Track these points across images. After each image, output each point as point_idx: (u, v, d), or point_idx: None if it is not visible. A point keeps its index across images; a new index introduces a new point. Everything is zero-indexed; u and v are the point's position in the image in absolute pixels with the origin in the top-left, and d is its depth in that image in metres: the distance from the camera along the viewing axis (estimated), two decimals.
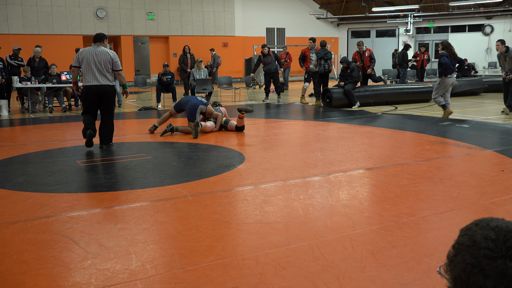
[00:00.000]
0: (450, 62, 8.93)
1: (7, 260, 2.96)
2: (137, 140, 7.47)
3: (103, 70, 6.50)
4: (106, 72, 6.52)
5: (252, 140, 7.22)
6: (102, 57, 6.50)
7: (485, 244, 0.81)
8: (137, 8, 20.80)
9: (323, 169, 5.29)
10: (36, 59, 12.13)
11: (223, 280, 2.66)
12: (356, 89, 11.57)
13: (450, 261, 0.86)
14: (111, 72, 6.61)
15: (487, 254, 0.79)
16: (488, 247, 0.80)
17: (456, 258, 0.84)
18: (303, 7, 25.52)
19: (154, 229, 3.49)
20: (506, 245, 0.80)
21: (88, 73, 6.50)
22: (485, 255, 0.80)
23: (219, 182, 4.81)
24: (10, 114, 11.05)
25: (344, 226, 3.50)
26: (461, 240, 0.85)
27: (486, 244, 0.80)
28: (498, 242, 0.80)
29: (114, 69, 6.61)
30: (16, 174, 5.22)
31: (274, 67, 13.07)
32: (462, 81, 14.12)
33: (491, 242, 0.80)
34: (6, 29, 18.37)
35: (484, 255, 0.80)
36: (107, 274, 2.75)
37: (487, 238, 0.81)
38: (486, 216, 3.10)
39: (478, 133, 7.48)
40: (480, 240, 0.82)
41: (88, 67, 6.48)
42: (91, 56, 6.48)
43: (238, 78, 21.87)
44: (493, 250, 0.79)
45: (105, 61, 6.51)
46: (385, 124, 8.68)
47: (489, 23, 22.74)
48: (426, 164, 5.42)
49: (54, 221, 3.67)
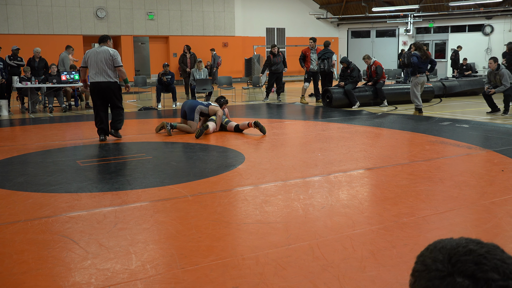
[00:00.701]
0: (421, 62, 9.54)
1: (7, 260, 2.96)
2: (137, 140, 7.47)
3: (105, 68, 7.08)
4: (108, 69, 7.10)
5: (252, 140, 7.22)
6: (103, 56, 7.08)
7: (435, 266, 0.86)
8: (137, 8, 20.80)
9: (323, 169, 5.29)
10: (36, 59, 12.13)
11: (223, 280, 2.66)
12: (356, 89, 11.57)
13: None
14: (113, 69, 7.15)
15: (438, 275, 0.84)
16: (438, 268, 0.85)
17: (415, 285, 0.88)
18: (303, 7, 25.52)
19: (154, 229, 3.49)
20: (451, 262, 0.84)
21: (92, 71, 7.13)
22: (436, 276, 0.84)
23: (219, 182, 4.81)
24: (10, 114, 11.05)
25: (344, 226, 3.50)
26: (416, 267, 0.90)
27: (435, 266, 0.85)
28: (444, 261, 0.85)
29: (114, 65, 7.15)
30: (16, 174, 5.22)
31: (282, 67, 13.06)
32: (462, 81, 14.11)
33: (439, 263, 0.85)
34: (6, 29, 18.36)
35: (435, 277, 0.84)
36: (107, 274, 2.75)
37: (436, 260, 0.86)
38: (485, 216, 3.08)
39: (478, 133, 7.48)
40: (430, 263, 0.87)
41: (92, 66, 7.11)
42: (94, 55, 7.10)
43: (238, 78, 21.86)
44: (441, 270, 0.84)
45: (106, 59, 7.08)
46: (385, 124, 8.68)
47: (489, 23, 22.73)
48: (426, 164, 5.42)
49: (54, 221, 3.67)
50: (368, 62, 11.69)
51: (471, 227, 3.51)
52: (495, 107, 9.65)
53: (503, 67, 9.72)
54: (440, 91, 13.16)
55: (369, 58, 11.83)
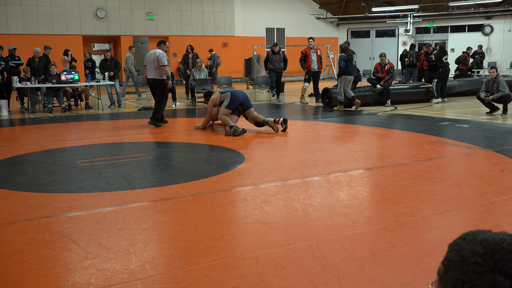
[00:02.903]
0: (347, 63, 10.71)
1: (7, 260, 2.96)
2: (137, 140, 7.47)
3: (153, 67, 8.55)
4: (154, 68, 8.54)
5: (252, 140, 7.22)
6: (153, 57, 8.53)
7: (474, 259, 0.80)
8: (137, 8, 20.79)
9: (323, 169, 5.29)
10: (36, 59, 12.13)
11: (223, 280, 2.66)
12: (356, 89, 11.57)
13: (440, 278, 0.85)
14: (158, 68, 8.51)
15: (476, 269, 0.79)
16: (477, 262, 0.80)
17: (446, 275, 0.83)
18: (302, 7, 25.52)
19: (154, 229, 3.49)
20: (494, 258, 0.79)
21: (147, 70, 8.71)
22: (474, 271, 0.79)
23: (219, 182, 4.81)
24: (10, 114, 11.05)
25: (344, 226, 3.50)
26: (450, 256, 0.85)
27: (474, 259, 0.80)
28: (486, 256, 0.80)
29: (159, 65, 8.47)
30: (16, 174, 5.22)
31: (280, 66, 13.04)
32: (462, 81, 14.11)
33: (479, 257, 0.80)
34: (6, 29, 18.36)
35: (473, 271, 0.79)
36: (107, 274, 2.75)
37: (475, 252, 0.81)
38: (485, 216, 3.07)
39: (478, 133, 7.48)
40: (468, 255, 0.81)
41: (147, 65, 8.69)
42: (148, 56, 8.65)
43: (238, 78, 21.86)
44: (481, 265, 0.79)
45: (153, 60, 8.51)
46: (385, 124, 8.68)
47: (489, 23, 22.74)
48: (426, 164, 5.42)
49: (53, 221, 3.67)
50: (384, 60, 11.81)
51: (470, 227, 3.51)
52: (493, 105, 9.75)
53: (500, 75, 9.94)
54: None
55: (385, 56, 12.07)
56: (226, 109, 7.83)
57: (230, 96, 7.92)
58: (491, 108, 9.79)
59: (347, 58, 10.69)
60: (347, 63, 10.69)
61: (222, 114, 7.80)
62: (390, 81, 11.76)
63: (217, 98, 8.05)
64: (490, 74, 9.85)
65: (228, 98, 7.90)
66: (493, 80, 9.73)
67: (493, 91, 9.70)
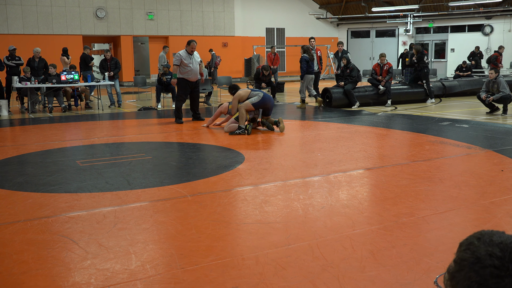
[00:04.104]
0: (308, 64, 11.36)
1: (7, 260, 2.96)
2: (137, 140, 7.47)
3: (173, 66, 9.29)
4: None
5: (252, 140, 7.22)
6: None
7: (491, 262, 0.77)
8: (137, 8, 20.79)
9: (323, 169, 5.29)
10: (36, 59, 12.12)
11: (223, 280, 2.66)
12: (356, 89, 11.57)
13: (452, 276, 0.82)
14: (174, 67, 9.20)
15: (494, 272, 0.76)
16: (494, 265, 0.76)
17: (459, 274, 0.80)
18: (302, 7, 25.51)
19: (154, 229, 3.49)
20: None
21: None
22: (491, 274, 0.76)
23: (219, 182, 4.81)
24: (10, 114, 11.05)
25: (344, 226, 3.50)
26: (464, 256, 0.81)
27: (491, 262, 0.77)
28: (504, 260, 0.76)
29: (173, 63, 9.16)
30: (16, 174, 5.22)
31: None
32: (462, 81, 14.11)
33: (497, 260, 0.77)
34: (6, 29, 18.35)
35: (490, 274, 0.76)
36: (106, 274, 2.75)
37: (492, 255, 0.77)
38: (485, 216, 3.06)
39: (478, 133, 7.48)
40: (484, 257, 0.78)
41: None
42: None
43: (238, 78, 21.85)
44: (499, 269, 0.76)
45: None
46: (385, 124, 8.68)
47: (489, 23, 22.73)
48: (426, 164, 5.42)
49: (53, 221, 3.67)
50: (384, 60, 11.84)
51: (470, 227, 3.51)
52: (493, 106, 9.77)
53: (500, 75, 9.96)
54: (440, 91, 13.16)
55: (385, 56, 12.17)
56: (252, 105, 7.87)
57: (262, 96, 7.98)
58: (491, 109, 9.82)
59: (308, 58, 11.34)
60: (308, 63, 11.36)
61: (245, 107, 7.83)
62: (390, 81, 11.80)
63: (246, 94, 8.06)
64: (490, 76, 9.88)
65: (259, 97, 7.94)
66: (493, 81, 9.77)
67: (494, 91, 9.74)
